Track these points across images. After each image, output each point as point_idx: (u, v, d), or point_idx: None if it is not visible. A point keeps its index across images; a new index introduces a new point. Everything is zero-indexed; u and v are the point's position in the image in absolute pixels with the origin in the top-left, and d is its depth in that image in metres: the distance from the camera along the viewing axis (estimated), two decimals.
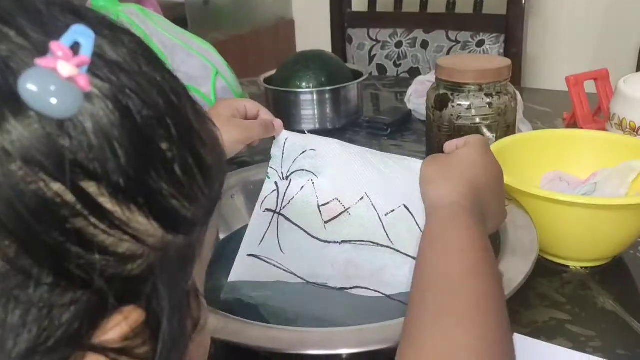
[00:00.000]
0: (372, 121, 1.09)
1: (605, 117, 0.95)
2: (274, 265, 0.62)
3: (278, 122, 0.64)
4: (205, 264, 0.33)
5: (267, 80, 1.10)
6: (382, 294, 0.57)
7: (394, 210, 0.60)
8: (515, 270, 0.51)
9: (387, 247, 0.60)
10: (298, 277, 0.60)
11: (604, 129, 0.96)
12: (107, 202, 0.23)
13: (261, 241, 0.63)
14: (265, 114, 0.67)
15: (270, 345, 0.43)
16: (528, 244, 0.55)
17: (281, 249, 0.63)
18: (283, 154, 0.63)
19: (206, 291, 0.57)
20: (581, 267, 0.67)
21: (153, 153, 0.24)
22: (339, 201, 0.62)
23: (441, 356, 0.37)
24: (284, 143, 0.64)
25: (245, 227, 0.65)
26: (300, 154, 0.63)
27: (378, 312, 0.55)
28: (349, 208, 0.62)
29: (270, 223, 0.64)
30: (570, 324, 0.58)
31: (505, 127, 0.85)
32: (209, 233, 0.30)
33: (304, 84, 1.06)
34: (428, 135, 0.90)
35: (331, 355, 0.43)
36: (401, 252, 0.59)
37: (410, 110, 1.13)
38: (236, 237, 0.67)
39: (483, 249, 0.45)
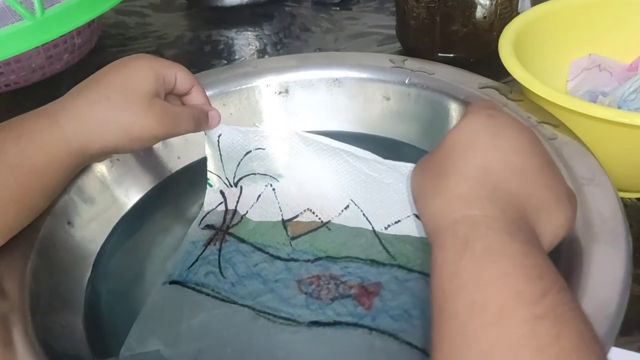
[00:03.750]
0: None
1: None
2: (207, 294, 0.39)
3: (214, 114, 0.43)
4: None
5: None
6: (379, 329, 0.36)
7: (398, 222, 0.40)
8: (605, 276, 0.31)
9: (386, 264, 0.40)
10: (243, 305, 0.38)
11: None
12: None
13: (191, 265, 0.41)
14: (198, 96, 0.42)
15: None
16: (610, 217, 0.34)
17: (222, 273, 0.41)
18: (220, 154, 0.45)
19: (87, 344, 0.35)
20: (638, 199, 0.47)
21: None
22: (313, 212, 0.43)
23: None
24: (217, 141, 0.44)
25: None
26: (245, 155, 0.45)
27: None
28: (329, 222, 0.43)
29: (209, 242, 0.43)
30: None
31: None
32: None
33: None
34: (400, 8, 0.65)
35: None
36: (406, 268, 0.39)
37: None
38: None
39: (531, 277, 0.24)
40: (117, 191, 0.45)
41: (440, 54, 0.63)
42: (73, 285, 0.40)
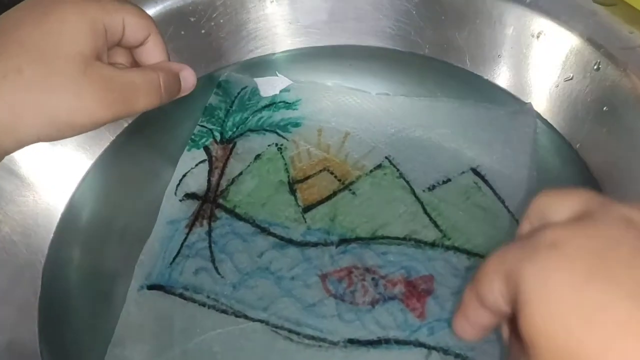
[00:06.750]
0: None
1: None
2: (203, 305, 0.29)
3: (187, 74, 0.28)
4: None
5: None
6: (440, 348, 0.27)
7: (448, 181, 0.32)
8: None
9: (437, 245, 0.30)
10: (254, 320, 0.29)
11: None
12: None
13: (174, 258, 0.31)
14: (156, 46, 0.27)
15: None
16: None
17: (217, 270, 0.30)
18: (233, 103, 0.36)
19: None
20: None
21: None
22: (332, 173, 0.33)
23: None
24: (239, 92, 0.37)
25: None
26: (264, 107, 0.36)
27: None
28: (353, 183, 0.32)
29: (194, 221, 0.32)
30: None
31: None
32: None
33: None
34: None
35: None
36: (464, 250, 0.30)
37: None
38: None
39: None
40: (71, 151, 0.34)
41: None
42: (24, 289, 0.30)
